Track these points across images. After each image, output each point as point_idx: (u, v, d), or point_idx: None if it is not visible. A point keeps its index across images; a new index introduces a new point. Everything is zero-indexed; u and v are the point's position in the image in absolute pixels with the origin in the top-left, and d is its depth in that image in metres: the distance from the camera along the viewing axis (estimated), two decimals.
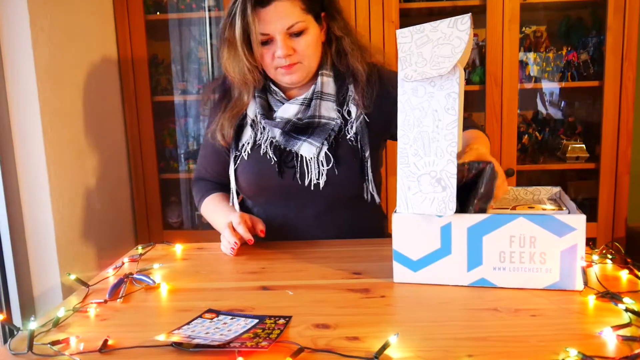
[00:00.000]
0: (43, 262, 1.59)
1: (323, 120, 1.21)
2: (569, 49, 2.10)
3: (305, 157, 1.21)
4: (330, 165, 1.20)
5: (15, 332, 0.79)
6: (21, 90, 1.53)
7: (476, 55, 2.14)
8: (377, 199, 1.25)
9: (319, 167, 1.20)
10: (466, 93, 0.91)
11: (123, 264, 1.11)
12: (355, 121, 1.22)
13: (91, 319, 0.84)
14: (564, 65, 2.10)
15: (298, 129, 1.21)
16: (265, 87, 1.26)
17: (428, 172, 0.88)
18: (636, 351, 0.66)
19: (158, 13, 2.17)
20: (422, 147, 0.88)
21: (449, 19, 0.85)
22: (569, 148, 2.09)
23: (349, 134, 1.22)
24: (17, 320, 1.56)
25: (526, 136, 2.21)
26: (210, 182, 1.38)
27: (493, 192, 0.89)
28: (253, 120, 1.25)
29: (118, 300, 0.91)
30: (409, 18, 2.13)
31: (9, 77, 1.52)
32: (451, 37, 0.85)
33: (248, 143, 1.25)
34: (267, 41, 1.16)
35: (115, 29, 2.07)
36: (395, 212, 0.91)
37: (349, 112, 1.23)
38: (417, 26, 0.87)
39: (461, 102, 0.87)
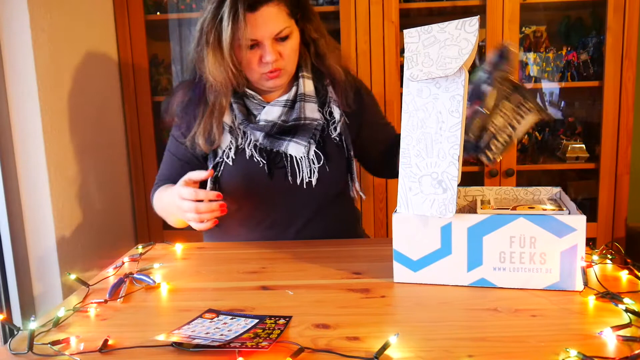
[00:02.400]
0: (43, 262, 1.59)
1: (307, 121, 1.23)
2: (569, 49, 2.10)
3: (295, 157, 1.21)
4: (322, 162, 1.22)
5: (16, 332, 0.79)
6: (21, 90, 1.53)
7: (476, 55, 2.13)
8: (363, 196, 1.31)
9: (310, 165, 1.22)
10: None
11: (123, 263, 1.11)
12: (338, 122, 1.25)
13: (91, 318, 0.84)
14: (563, 66, 2.10)
15: (283, 130, 1.22)
16: (240, 92, 1.25)
17: (429, 173, 0.88)
18: (636, 351, 0.66)
19: (158, 13, 2.17)
20: (425, 148, 0.88)
21: (457, 20, 0.85)
22: (569, 148, 2.09)
23: (333, 133, 1.25)
24: (17, 320, 1.56)
25: (526, 136, 2.21)
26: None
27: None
28: (231, 127, 1.24)
29: (118, 300, 0.91)
30: (409, 18, 2.13)
31: (9, 77, 1.52)
32: (459, 38, 0.85)
33: (230, 149, 1.23)
34: (253, 46, 1.16)
35: (115, 29, 2.06)
36: (395, 212, 0.91)
37: (330, 113, 1.25)
38: (425, 26, 0.87)
39: (465, 104, 0.88)
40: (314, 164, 1.21)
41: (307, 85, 1.24)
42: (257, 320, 0.79)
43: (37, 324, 0.79)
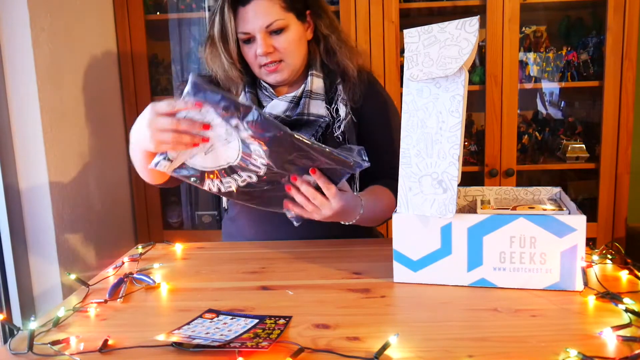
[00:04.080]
0: (43, 262, 1.59)
1: (312, 118, 1.22)
2: (569, 49, 2.10)
3: None
4: None
5: (16, 332, 0.79)
6: (21, 90, 1.52)
7: (476, 55, 2.14)
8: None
9: None
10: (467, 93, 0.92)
11: (123, 263, 1.11)
12: (343, 120, 1.23)
13: (91, 318, 0.84)
14: (564, 65, 2.10)
15: (286, 125, 1.21)
16: (255, 82, 1.27)
17: (430, 173, 0.88)
18: (636, 351, 0.66)
19: (158, 13, 2.17)
20: (425, 148, 0.88)
21: (457, 20, 0.85)
22: (569, 148, 2.09)
23: (336, 131, 1.23)
24: (17, 320, 1.56)
25: (526, 136, 2.21)
26: None
27: None
28: None
29: (118, 300, 0.91)
30: (409, 18, 2.13)
31: (9, 77, 1.52)
32: (459, 38, 0.85)
33: None
34: (249, 40, 1.17)
35: (115, 29, 2.06)
36: (395, 212, 0.91)
37: (336, 111, 1.24)
38: (425, 26, 0.88)
39: (465, 104, 0.88)
40: None
41: (315, 83, 1.23)
42: (257, 320, 0.79)
43: (37, 324, 0.79)
